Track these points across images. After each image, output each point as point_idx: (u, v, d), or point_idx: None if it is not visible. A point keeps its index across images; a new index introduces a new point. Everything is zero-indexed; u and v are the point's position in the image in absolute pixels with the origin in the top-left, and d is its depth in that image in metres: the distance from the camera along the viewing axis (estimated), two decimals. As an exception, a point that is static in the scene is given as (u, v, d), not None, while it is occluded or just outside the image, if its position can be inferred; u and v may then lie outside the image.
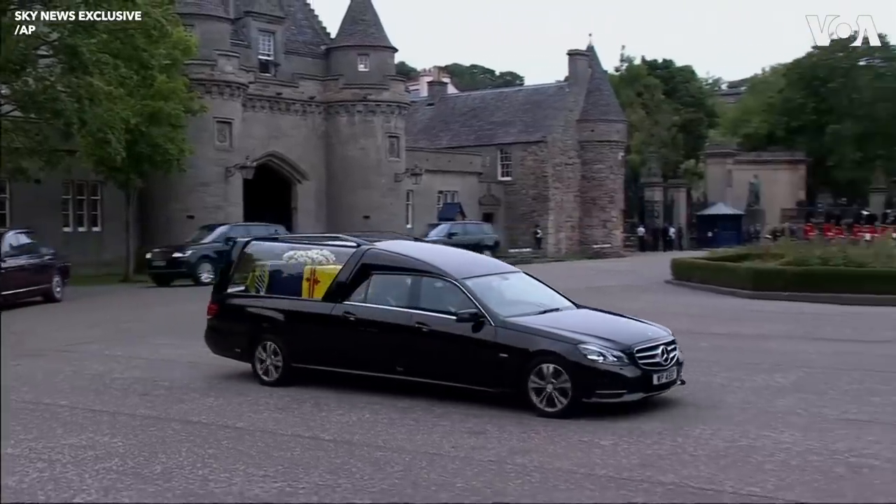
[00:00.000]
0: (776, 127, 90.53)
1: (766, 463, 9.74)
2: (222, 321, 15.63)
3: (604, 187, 69.35)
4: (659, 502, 8.52)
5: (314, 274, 14.56)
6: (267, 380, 14.52)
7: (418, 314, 13.35)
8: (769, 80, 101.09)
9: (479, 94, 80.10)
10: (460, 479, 9.21)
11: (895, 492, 8.84)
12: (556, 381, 12.06)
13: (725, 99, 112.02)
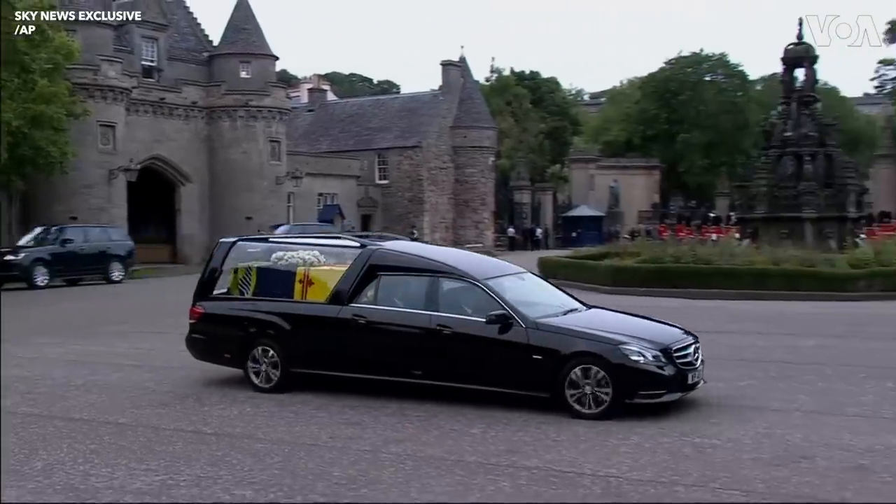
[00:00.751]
0: (633, 135, 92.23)
1: (621, 446, 9.89)
2: (209, 325, 14.01)
3: (476, 190, 69.85)
4: (525, 484, 8.55)
5: (308, 275, 13.38)
6: (263, 386, 13.14)
7: (439, 316, 12.30)
8: (627, 92, 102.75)
9: (358, 102, 79.92)
10: (337, 468, 9.15)
11: (734, 468, 9.05)
12: (596, 382, 11.35)
13: (588, 109, 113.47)
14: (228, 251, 14.40)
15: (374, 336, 12.71)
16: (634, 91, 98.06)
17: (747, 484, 8.54)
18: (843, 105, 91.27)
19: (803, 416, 11.15)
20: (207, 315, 14.06)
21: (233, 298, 14.04)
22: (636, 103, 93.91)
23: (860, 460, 9.27)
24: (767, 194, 35.14)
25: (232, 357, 13.74)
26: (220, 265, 14.32)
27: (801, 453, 9.55)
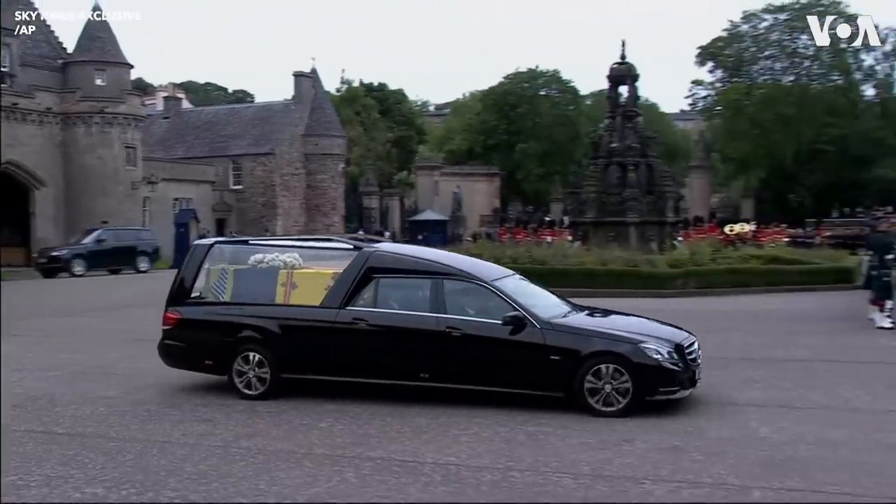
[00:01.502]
0: (475, 144, 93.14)
1: (461, 436, 9.98)
2: (186, 332, 12.72)
3: (327, 195, 69.60)
4: (369, 474, 8.56)
5: (291, 278, 12.40)
6: (250, 393, 12.09)
7: (447, 318, 11.61)
8: (469, 104, 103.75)
9: (213, 110, 78.73)
10: (189, 463, 8.99)
11: (564, 452, 9.24)
12: (616, 380, 10.96)
13: (433, 119, 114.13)
14: (206, 254, 13.12)
15: (377, 339, 11.92)
16: (476, 103, 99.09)
17: (575, 467, 8.74)
18: (661, 120, 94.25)
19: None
20: (185, 321, 12.76)
21: (213, 303, 12.76)
22: (477, 115, 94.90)
23: (675, 442, 9.59)
24: (596, 200, 36.02)
25: (214, 364, 12.59)
26: (197, 269, 13.00)
27: (623, 437, 9.82)
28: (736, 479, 8.31)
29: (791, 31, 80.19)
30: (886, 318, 18.93)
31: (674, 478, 8.35)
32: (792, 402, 11.62)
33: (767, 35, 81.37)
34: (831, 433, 9.88)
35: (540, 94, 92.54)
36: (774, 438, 9.71)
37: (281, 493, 8.06)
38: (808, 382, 12.94)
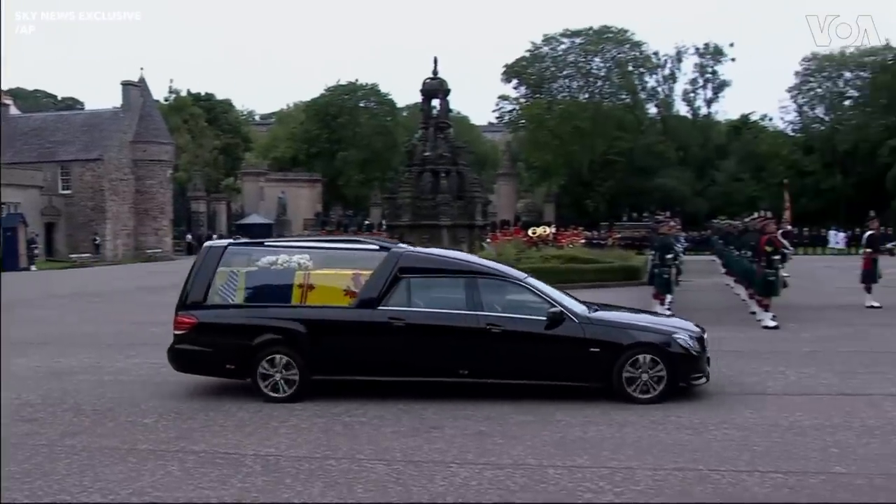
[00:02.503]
0: (299, 152, 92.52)
1: (280, 428, 9.89)
2: (204, 336, 11.61)
3: (155, 200, 67.65)
4: (193, 467, 8.36)
5: (308, 279, 11.62)
6: (276, 396, 11.21)
7: (486, 316, 11.23)
8: (293, 114, 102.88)
9: (42, 116, 75.17)
10: (12, 463, 8.55)
11: (377, 440, 9.25)
12: (652, 370, 10.96)
13: (258, 128, 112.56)
14: (220, 257, 12.05)
15: (415, 338, 11.29)
16: (300, 113, 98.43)
17: (388, 453, 8.77)
18: (472, 131, 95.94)
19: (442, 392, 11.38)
20: (203, 325, 11.64)
21: (232, 306, 11.79)
22: (301, 124, 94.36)
23: (480, 427, 9.75)
24: (411, 205, 36.28)
25: (236, 368, 11.59)
26: (212, 272, 11.90)
27: (433, 425, 9.91)
28: (533, 459, 8.52)
29: (586, 54, 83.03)
30: (666, 311, 19.70)
31: (478, 460, 8.48)
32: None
33: (565, 56, 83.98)
34: (619, 415, 10.22)
35: (360, 105, 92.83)
36: (568, 420, 9.99)
37: (105, 488, 7.78)
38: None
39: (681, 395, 11.00)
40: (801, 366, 13.51)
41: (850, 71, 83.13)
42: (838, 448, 8.77)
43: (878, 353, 14.85)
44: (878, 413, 10.27)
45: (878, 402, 10.81)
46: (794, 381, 12.26)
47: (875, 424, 9.72)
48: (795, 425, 9.70)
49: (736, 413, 10.26)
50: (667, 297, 20.08)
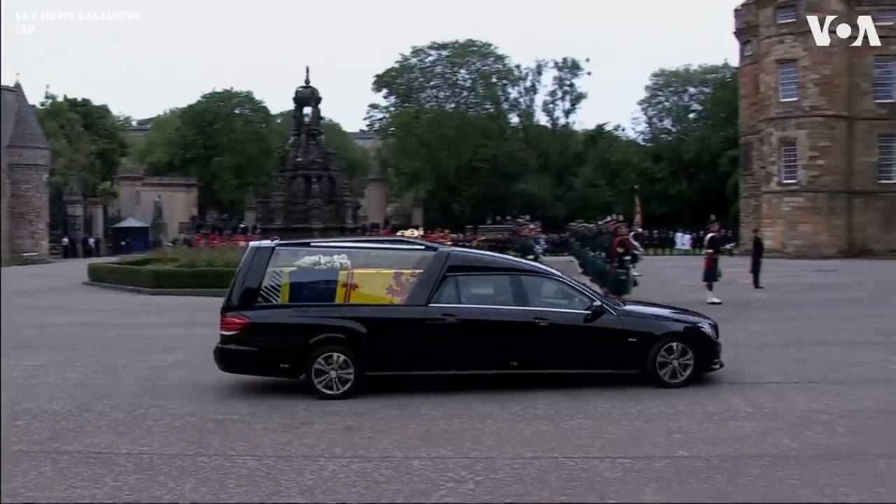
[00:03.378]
0: (175, 157, 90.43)
1: (154, 426, 9.64)
2: (255, 336, 11.20)
3: (31, 204, 64.97)
4: (66, 467, 8.06)
5: (351, 278, 11.34)
6: (331, 393, 10.92)
7: (534, 310, 11.41)
8: (169, 120, 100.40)
9: (-88, 120, 71.58)
10: None
11: (248, 436, 9.12)
12: (681, 357, 11.46)
13: (135, 133, 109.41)
14: (270, 257, 11.59)
15: (468, 333, 11.27)
16: (176, 119, 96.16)
17: (259, 449, 8.64)
18: (343, 138, 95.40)
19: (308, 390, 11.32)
20: (255, 325, 11.23)
21: (285, 306, 11.35)
22: (177, 130, 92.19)
23: (348, 422, 9.69)
24: (284, 209, 35.86)
25: (291, 367, 11.25)
26: (262, 272, 11.41)
27: (303, 421, 9.81)
28: (399, 451, 8.51)
29: (452, 66, 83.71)
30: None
31: (346, 454, 8.43)
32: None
33: (433, 68, 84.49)
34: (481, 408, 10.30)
35: (235, 112, 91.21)
36: (433, 414, 10.01)
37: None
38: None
39: (539, 389, 11.16)
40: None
41: (694, 86, 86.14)
42: (682, 434, 9.05)
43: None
44: (718, 401, 10.64)
45: (717, 392, 11.19)
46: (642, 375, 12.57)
47: (715, 411, 10.08)
48: (643, 414, 9.97)
49: (590, 404, 10.47)
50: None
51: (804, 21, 52.02)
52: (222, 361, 11.55)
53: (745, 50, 62.84)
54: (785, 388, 11.40)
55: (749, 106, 61.22)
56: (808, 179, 52.81)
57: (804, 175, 52.89)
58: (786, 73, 53.55)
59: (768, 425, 9.39)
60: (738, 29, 63.59)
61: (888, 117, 54.34)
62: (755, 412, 10.03)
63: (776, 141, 53.90)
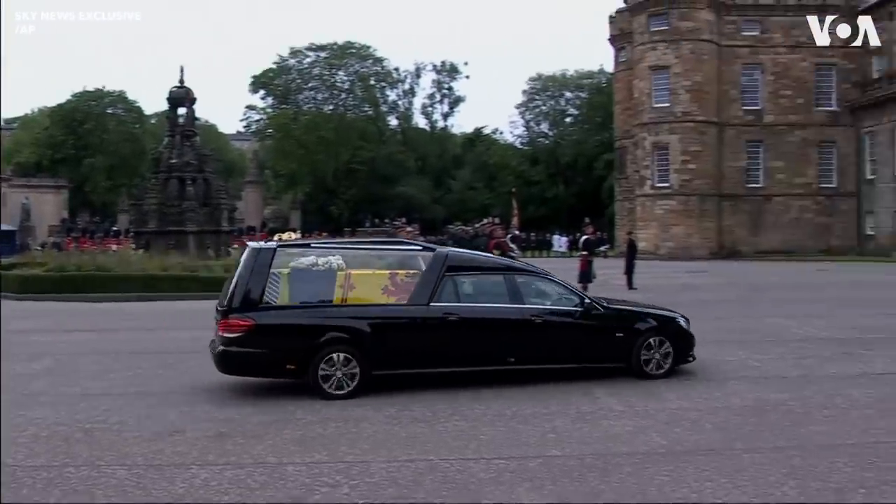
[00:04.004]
0: (43, 158, 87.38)
1: (19, 437, 9.23)
2: (261, 337, 11.03)
3: None
4: None
5: (349, 279, 11.34)
6: (338, 393, 10.91)
7: (529, 308, 11.92)
8: (38, 119, 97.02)
9: None
10: None
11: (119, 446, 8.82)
12: (661, 349, 12.20)
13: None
14: (272, 259, 11.41)
15: (468, 331, 11.64)
16: (45, 118, 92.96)
17: (129, 458, 8.41)
18: (219, 139, 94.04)
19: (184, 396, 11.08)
20: (261, 326, 11.04)
21: (289, 307, 11.30)
22: (46, 129, 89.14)
23: (221, 429, 9.53)
24: (157, 211, 35.04)
25: (296, 368, 11.09)
26: (265, 274, 11.24)
27: (175, 428, 9.59)
28: (273, 457, 8.42)
29: (331, 68, 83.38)
30: None
31: (219, 461, 8.28)
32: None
33: (311, 69, 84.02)
34: (356, 412, 10.28)
35: (107, 112, 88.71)
36: (308, 419, 9.94)
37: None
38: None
39: (414, 390, 11.21)
40: (525, 359, 14.09)
41: (570, 91, 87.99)
42: (555, 433, 9.21)
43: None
44: (590, 400, 10.88)
45: (591, 390, 11.43)
46: (518, 375, 12.74)
47: (588, 410, 10.30)
48: (518, 414, 10.10)
49: (466, 406, 10.54)
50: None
51: (676, 29, 53.87)
52: (225, 364, 11.35)
53: (620, 56, 64.51)
54: (657, 386, 11.73)
55: (623, 111, 62.89)
56: (680, 183, 54.57)
57: (676, 179, 54.63)
58: (658, 79, 55.25)
59: (640, 423, 9.65)
60: (612, 35, 65.23)
61: (754, 124, 56.67)
62: (627, 410, 10.29)
63: (649, 145, 55.53)
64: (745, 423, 9.63)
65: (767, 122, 56.83)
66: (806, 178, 57.15)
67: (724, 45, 56.15)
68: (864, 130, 56.44)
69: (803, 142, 56.98)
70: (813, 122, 57.13)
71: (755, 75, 57.03)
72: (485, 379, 11.63)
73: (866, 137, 56.36)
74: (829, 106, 57.49)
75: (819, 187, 57.37)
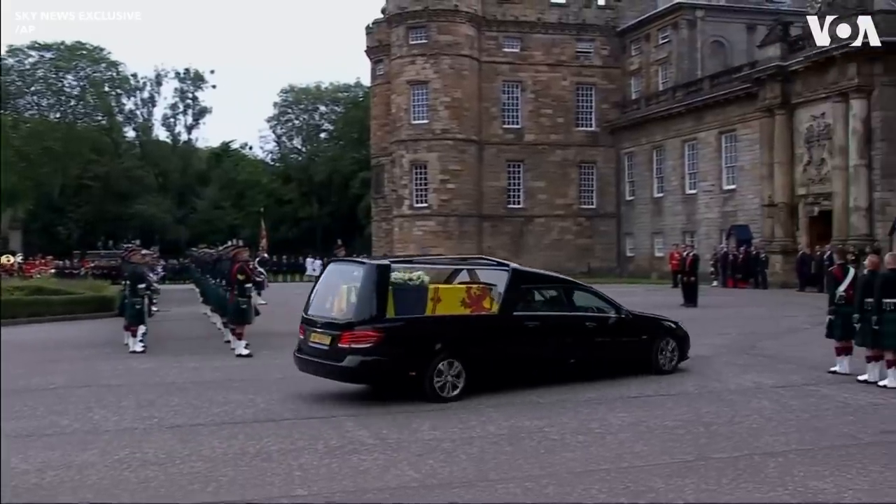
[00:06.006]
0: None
1: None
2: (388, 347, 12.62)
3: None
4: None
5: (437, 292, 13.25)
6: (449, 396, 12.82)
7: (584, 315, 14.83)
8: None
9: None
10: None
11: None
12: (669, 349, 15.55)
13: None
14: (390, 274, 13.08)
15: (542, 336, 14.00)
16: None
17: None
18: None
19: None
20: (389, 337, 12.68)
21: (407, 319, 13.00)
22: None
23: None
24: None
25: (417, 374, 12.78)
26: (386, 288, 12.85)
27: None
28: None
29: (58, 70, 79.60)
30: (139, 343, 19.41)
31: None
32: (42, 429, 11.34)
33: (34, 71, 79.85)
34: (79, 456, 9.81)
35: None
36: (23, 467, 9.36)
37: None
38: (60, 409, 12.74)
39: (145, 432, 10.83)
40: (272, 392, 13.99)
41: (325, 105, 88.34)
42: (302, 471, 9.16)
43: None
44: (340, 433, 10.90)
45: (341, 423, 11.47)
46: (264, 409, 12.63)
47: (337, 445, 10.31)
48: (263, 451, 9.98)
49: (205, 444, 10.31)
50: (140, 328, 19.72)
51: (436, 42, 55.32)
52: (353, 374, 12.94)
53: (378, 69, 65.38)
54: (409, 416, 11.91)
55: (381, 127, 63.72)
56: (439, 203, 55.89)
57: (435, 199, 55.91)
58: (417, 94, 56.44)
59: (392, 456, 9.76)
60: (369, 47, 66.01)
61: (515, 143, 58.99)
62: (378, 443, 10.38)
63: (407, 164, 56.57)
64: (501, 452, 9.95)
65: (528, 141, 59.25)
66: (567, 199, 59.97)
67: (484, 61, 58.11)
68: (623, 151, 59.99)
69: (564, 162, 59.80)
70: (573, 141, 60.10)
71: (516, 93, 59.37)
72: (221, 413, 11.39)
73: (625, 158, 59.94)
74: (590, 126, 60.69)
75: (580, 208, 60.36)
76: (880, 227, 36.98)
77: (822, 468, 9.10)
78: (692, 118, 51.94)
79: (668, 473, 8.97)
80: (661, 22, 57.60)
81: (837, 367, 15.43)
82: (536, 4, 59.28)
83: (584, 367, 14.46)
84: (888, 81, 36.95)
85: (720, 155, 50.09)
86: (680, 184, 53.73)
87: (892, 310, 13.93)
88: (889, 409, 12.53)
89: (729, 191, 49.39)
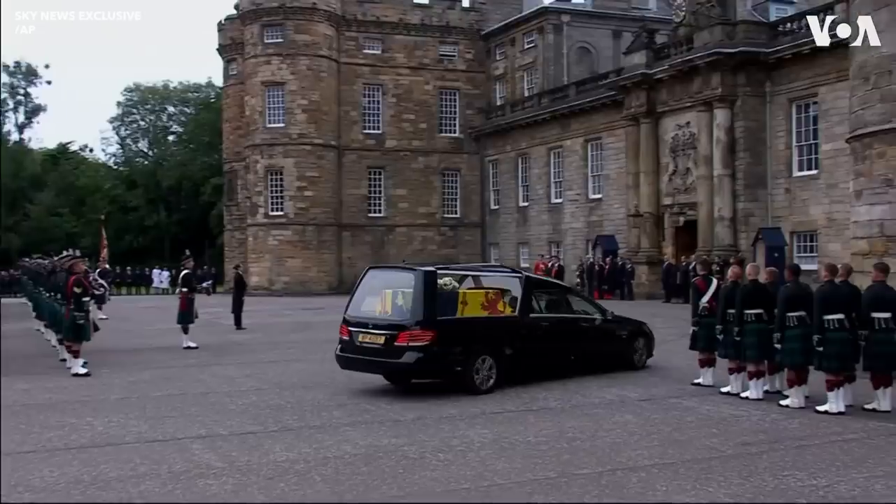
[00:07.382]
0: None
1: None
2: (440, 346, 14.76)
3: None
4: None
5: (465, 296, 15.39)
6: (484, 388, 15.03)
7: (583, 317, 17.77)
8: None
9: None
10: None
11: None
12: (640, 346, 18.33)
13: None
14: (436, 279, 15.23)
15: (553, 335, 16.64)
16: None
17: None
18: None
19: None
20: (441, 337, 14.71)
21: (452, 320, 15.02)
22: None
23: None
24: None
25: (462, 370, 14.93)
26: (436, 292, 15.03)
27: None
28: None
29: None
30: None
31: None
32: None
33: None
34: None
35: None
36: None
37: None
38: None
39: None
40: (111, 414, 13.63)
41: (173, 105, 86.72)
42: (142, 498, 8.93)
43: (190, 395, 15.56)
44: (186, 457, 10.67)
45: (186, 446, 11.24)
46: (102, 432, 12.27)
47: (182, 469, 10.08)
48: (99, 479, 9.68)
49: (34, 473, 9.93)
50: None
51: (293, 42, 54.93)
52: (412, 371, 15.00)
53: (230, 68, 64.52)
54: (260, 437, 11.77)
55: (234, 130, 62.88)
56: (296, 212, 55.43)
57: (292, 207, 55.43)
58: (273, 96, 55.87)
59: (241, 480, 9.61)
60: (222, 45, 65.06)
61: (376, 149, 58.98)
62: (227, 467, 10.20)
63: (262, 169, 55.92)
64: (357, 473, 9.90)
65: (390, 147, 59.28)
66: (430, 208, 60.25)
67: (344, 62, 57.92)
68: (488, 159, 60.62)
69: (427, 169, 60.07)
70: (436, 148, 60.43)
71: (377, 97, 59.35)
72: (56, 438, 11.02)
73: (490, 166, 60.59)
74: (453, 132, 61.13)
75: (443, 217, 60.71)
76: (744, 237, 38.22)
77: (685, 482, 9.37)
78: (558, 125, 52.85)
79: (530, 491, 9.09)
80: (526, 26, 58.46)
81: (701, 379, 15.99)
82: (398, 5, 59.41)
83: (581, 362, 17.00)
84: (751, 91, 38.25)
85: (586, 163, 51.07)
86: (546, 192, 54.53)
87: (754, 321, 14.49)
88: (750, 420, 13.01)
89: (595, 200, 50.35)
